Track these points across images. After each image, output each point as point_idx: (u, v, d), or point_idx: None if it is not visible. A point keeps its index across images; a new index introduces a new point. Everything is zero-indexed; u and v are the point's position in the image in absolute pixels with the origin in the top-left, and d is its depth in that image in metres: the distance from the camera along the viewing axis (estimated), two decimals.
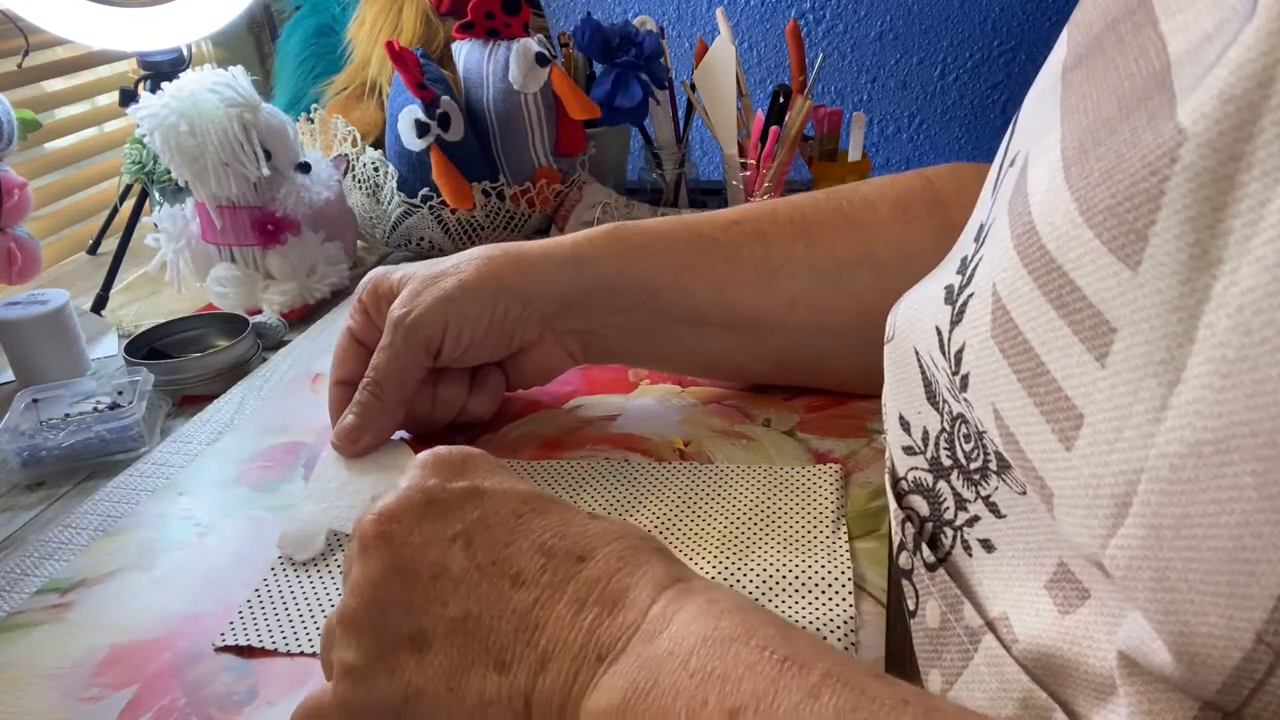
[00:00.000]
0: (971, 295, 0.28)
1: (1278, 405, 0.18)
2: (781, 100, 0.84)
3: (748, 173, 0.87)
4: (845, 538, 0.41)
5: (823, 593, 0.38)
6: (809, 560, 0.39)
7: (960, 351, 0.29)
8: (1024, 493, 0.27)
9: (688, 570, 0.30)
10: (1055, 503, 0.24)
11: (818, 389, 0.54)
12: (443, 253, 0.86)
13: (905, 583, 0.33)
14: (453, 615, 0.28)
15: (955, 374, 0.30)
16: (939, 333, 0.31)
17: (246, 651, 0.37)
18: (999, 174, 0.31)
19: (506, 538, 0.29)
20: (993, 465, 0.28)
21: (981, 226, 0.30)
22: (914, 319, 0.34)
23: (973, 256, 0.30)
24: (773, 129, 0.83)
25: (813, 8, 1.30)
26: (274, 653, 0.37)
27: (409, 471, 0.32)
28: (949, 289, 0.30)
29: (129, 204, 0.85)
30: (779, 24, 1.31)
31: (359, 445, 0.47)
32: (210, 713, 0.34)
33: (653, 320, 0.50)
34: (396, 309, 0.47)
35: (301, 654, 0.37)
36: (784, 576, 0.39)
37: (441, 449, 0.32)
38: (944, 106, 1.32)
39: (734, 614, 0.26)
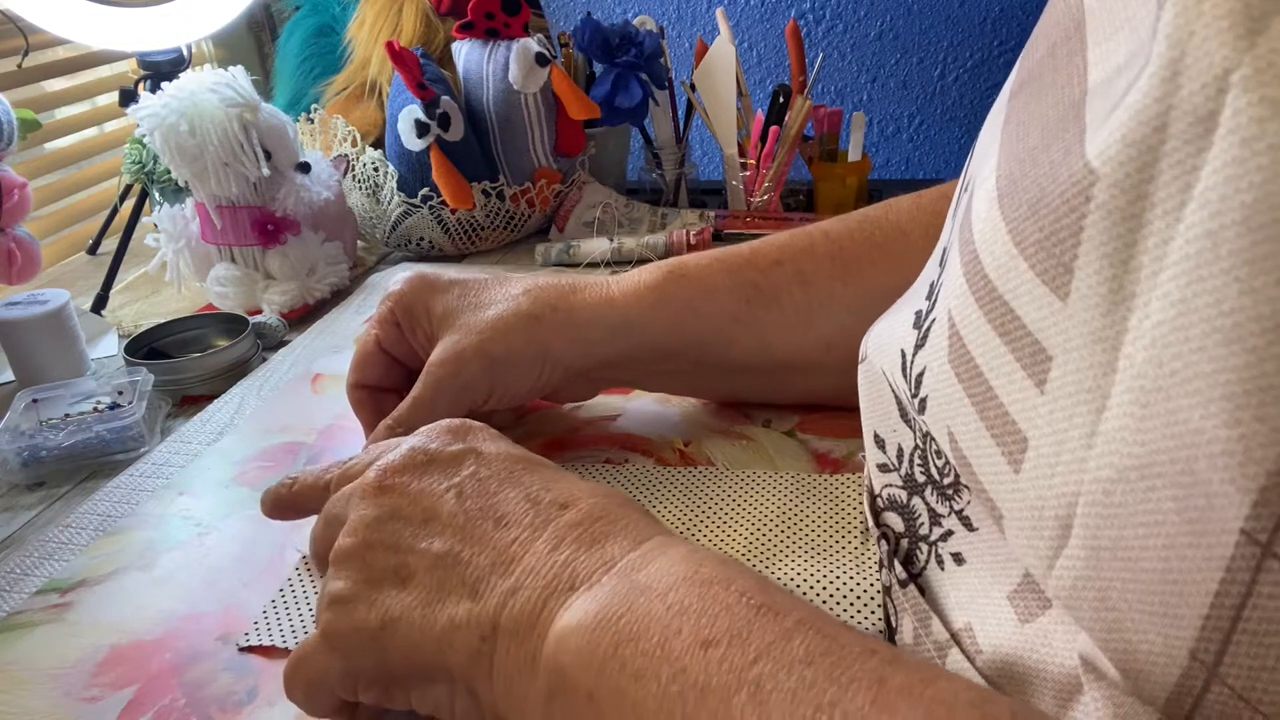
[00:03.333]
0: (934, 320, 0.29)
1: (1191, 435, 0.18)
2: (781, 100, 0.85)
3: (748, 173, 0.87)
4: (874, 548, 0.40)
5: (851, 604, 0.37)
6: (837, 570, 0.39)
7: (921, 375, 0.30)
8: None
9: (666, 526, 0.31)
10: (1005, 524, 0.25)
11: None
12: (443, 253, 0.86)
13: (886, 599, 0.33)
14: (436, 551, 0.30)
15: (915, 396, 0.30)
16: (903, 355, 0.32)
17: (247, 651, 0.37)
18: (958, 197, 0.31)
19: (496, 489, 0.31)
20: (963, 479, 0.29)
21: (944, 250, 0.31)
22: (884, 342, 0.34)
23: (938, 281, 0.30)
24: (773, 129, 0.83)
25: (813, 8, 1.30)
26: (275, 653, 0.37)
27: (416, 434, 0.34)
28: (918, 314, 0.31)
29: (129, 204, 0.85)
30: (779, 24, 1.31)
31: None
32: (210, 713, 0.34)
33: (689, 367, 0.49)
34: (439, 366, 0.45)
35: None
36: (811, 586, 0.38)
37: (447, 420, 0.35)
38: (944, 106, 1.32)
39: (715, 563, 0.27)
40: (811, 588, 0.38)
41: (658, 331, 0.47)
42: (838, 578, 0.38)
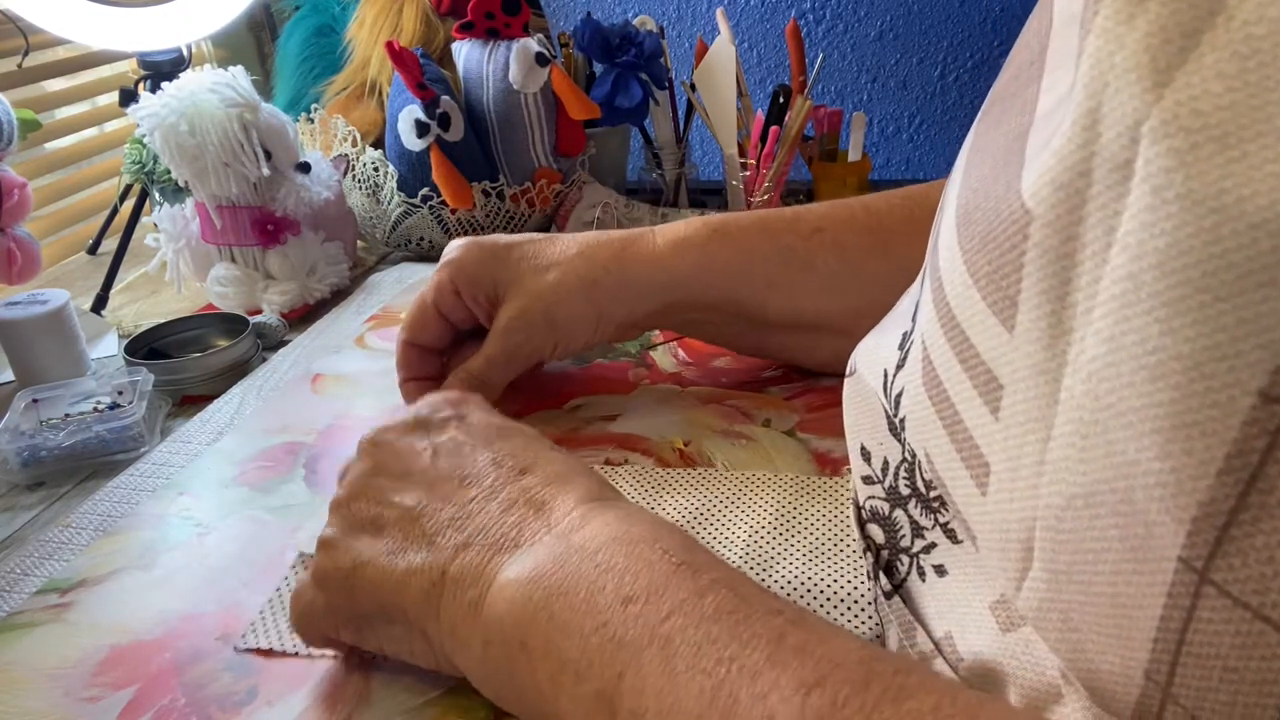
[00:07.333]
0: (913, 342, 0.30)
1: (1128, 466, 0.19)
2: (781, 100, 0.84)
3: (748, 173, 0.87)
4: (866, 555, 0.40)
5: (849, 608, 0.37)
6: (835, 573, 0.38)
7: (900, 395, 0.31)
8: None
9: (615, 491, 0.33)
10: (979, 544, 0.26)
11: (820, 388, 0.54)
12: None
13: (875, 610, 0.34)
14: (406, 505, 0.33)
15: (895, 416, 0.31)
16: (885, 375, 0.32)
17: (246, 652, 0.37)
18: (937, 216, 0.32)
19: (469, 452, 0.34)
20: (945, 497, 0.29)
21: (924, 272, 0.32)
22: (872, 359, 0.35)
23: (919, 302, 0.31)
24: (773, 129, 0.83)
25: (813, 8, 1.30)
26: (274, 653, 0.37)
27: (420, 401, 0.38)
28: (904, 335, 0.32)
29: (129, 204, 0.85)
30: (779, 24, 1.31)
31: None
32: (210, 713, 0.34)
33: (725, 320, 0.52)
34: (508, 330, 0.50)
35: (323, 657, 0.37)
36: (809, 590, 0.38)
37: (446, 391, 0.38)
38: (944, 106, 1.32)
39: (646, 523, 0.29)
40: (809, 590, 0.38)
41: (697, 288, 0.51)
42: (834, 581, 0.38)
